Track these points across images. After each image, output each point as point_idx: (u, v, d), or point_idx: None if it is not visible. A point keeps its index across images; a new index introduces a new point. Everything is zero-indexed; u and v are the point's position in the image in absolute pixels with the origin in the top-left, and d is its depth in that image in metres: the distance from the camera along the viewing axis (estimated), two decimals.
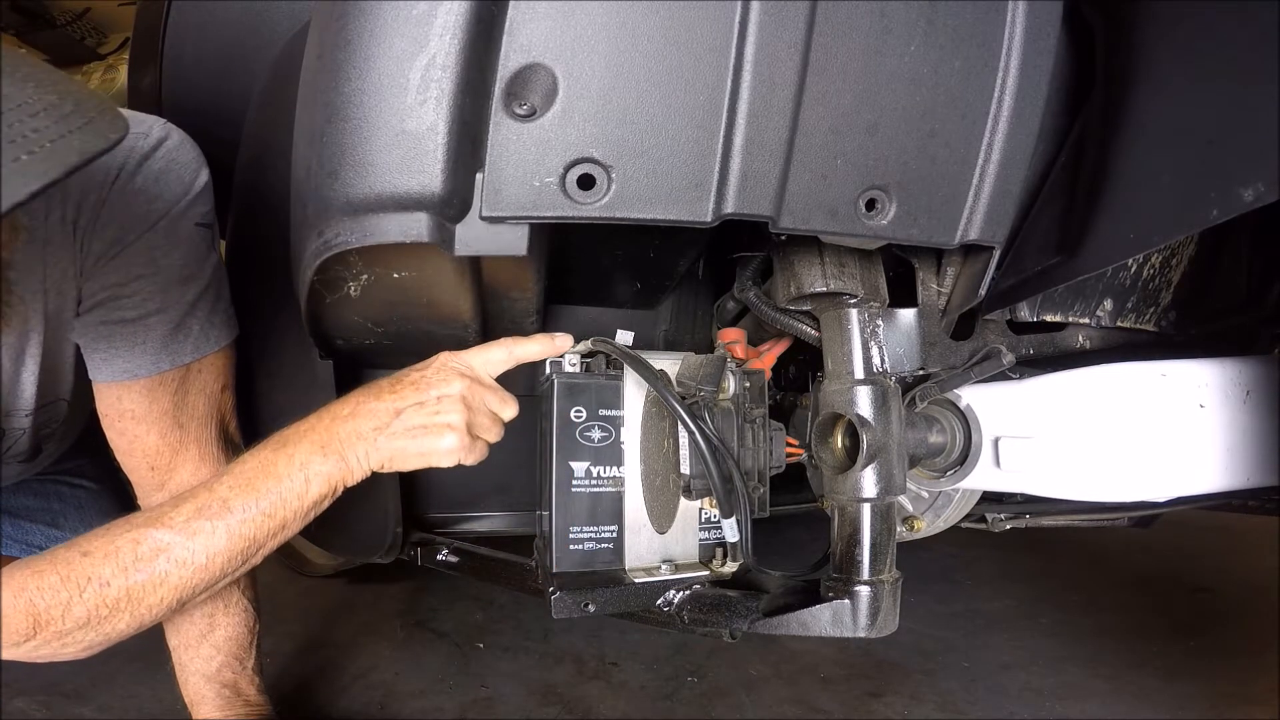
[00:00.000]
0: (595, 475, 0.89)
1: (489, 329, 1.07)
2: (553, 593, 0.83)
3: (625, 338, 0.99)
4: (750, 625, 0.84)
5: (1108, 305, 0.89)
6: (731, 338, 1.05)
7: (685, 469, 0.82)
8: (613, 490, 0.90)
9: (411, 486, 1.21)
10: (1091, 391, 0.77)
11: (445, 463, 0.78)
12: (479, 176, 0.61)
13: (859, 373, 0.82)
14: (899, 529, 0.98)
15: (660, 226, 0.64)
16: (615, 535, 0.90)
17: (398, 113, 0.58)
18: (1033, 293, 0.80)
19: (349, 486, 0.79)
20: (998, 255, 0.76)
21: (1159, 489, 0.75)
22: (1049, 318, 0.88)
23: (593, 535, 0.89)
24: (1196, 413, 0.76)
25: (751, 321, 1.13)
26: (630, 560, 0.89)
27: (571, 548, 0.87)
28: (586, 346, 0.94)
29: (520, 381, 1.29)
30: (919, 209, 0.68)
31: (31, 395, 0.91)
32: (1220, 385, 0.77)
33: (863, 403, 0.80)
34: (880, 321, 0.84)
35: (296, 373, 1.07)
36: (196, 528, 0.74)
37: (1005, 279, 0.80)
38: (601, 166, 0.61)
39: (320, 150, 0.62)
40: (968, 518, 1.07)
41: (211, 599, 0.97)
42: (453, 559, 1.21)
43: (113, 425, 0.93)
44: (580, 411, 0.89)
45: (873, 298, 0.82)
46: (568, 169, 0.60)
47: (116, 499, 1.28)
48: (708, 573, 0.89)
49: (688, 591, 0.90)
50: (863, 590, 0.79)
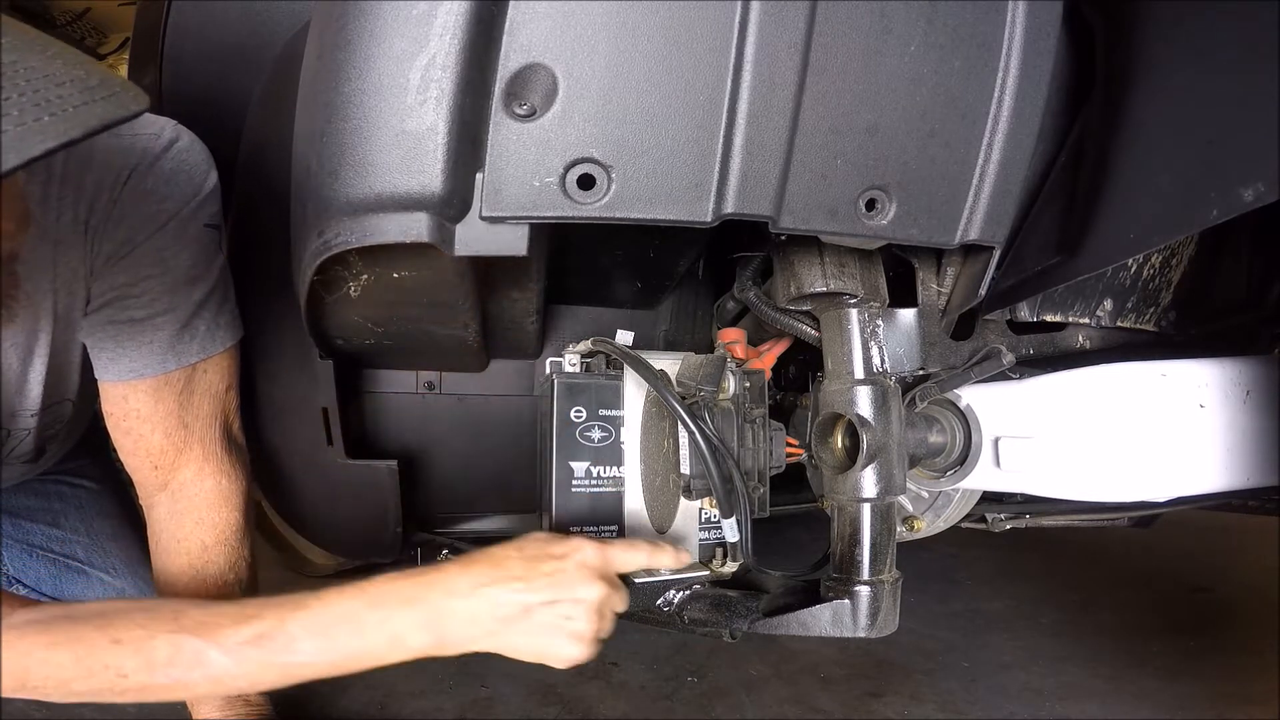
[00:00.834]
0: (595, 475, 0.89)
1: (489, 329, 1.07)
2: None
3: (625, 338, 0.99)
4: (750, 625, 0.84)
5: (1108, 305, 0.89)
6: (731, 338, 1.05)
7: (685, 469, 0.82)
8: (613, 490, 0.90)
9: (412, 486, 1.22)
10: (1091, 391, 0.77)
11: (556, 666, 0.70)
12: (479, 176, 0.61)
13: (859, 373, 0.82)
14: (899, 529, 0.98)
15: (660, 226, 0.64)
16: (615, 535, 0.90)
17: (398, 113, 0.58)
18: (1033, 293, 0.80)
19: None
20: (998, 255, 0.76)
21: (1159, 489, 0.75)
22: (1049, 318, 0.88)
23: (593, 535, 0.89)
24: (1196, 413, 0.76)
25: (751, 321, 1.13)
26: None
27: None
28: (586, 346, 0.94)
29: (520, 381, 1.29)
30: (919, 209, 0.68)
31: (38, 395, 0.91)
32: (1220, 385, 0.77)
33: (863, 403, 0.80)
34: (880, 321, 0.84)
35: (297, 373, 1.08)
36: (250, 658, 0.67)
37: (1005, 279, 0.80)
38: (601, 166, 0.61)
39: (320, 150, 0.62)
40: (968, 518, 1.07)
41: (213, 599, 0.97)
42: (453, 559, 1.21)
43: (117, 425, 0.93)
44: (580, 411, 0.89)
45: (873, 298, 0.82)
46: (568, 169, 0.60)
47: (117, 499, 1.28)
48: (708, 573, 0.89)
49: (688, 591, 0.90)
50: (863, 590, 0.79)
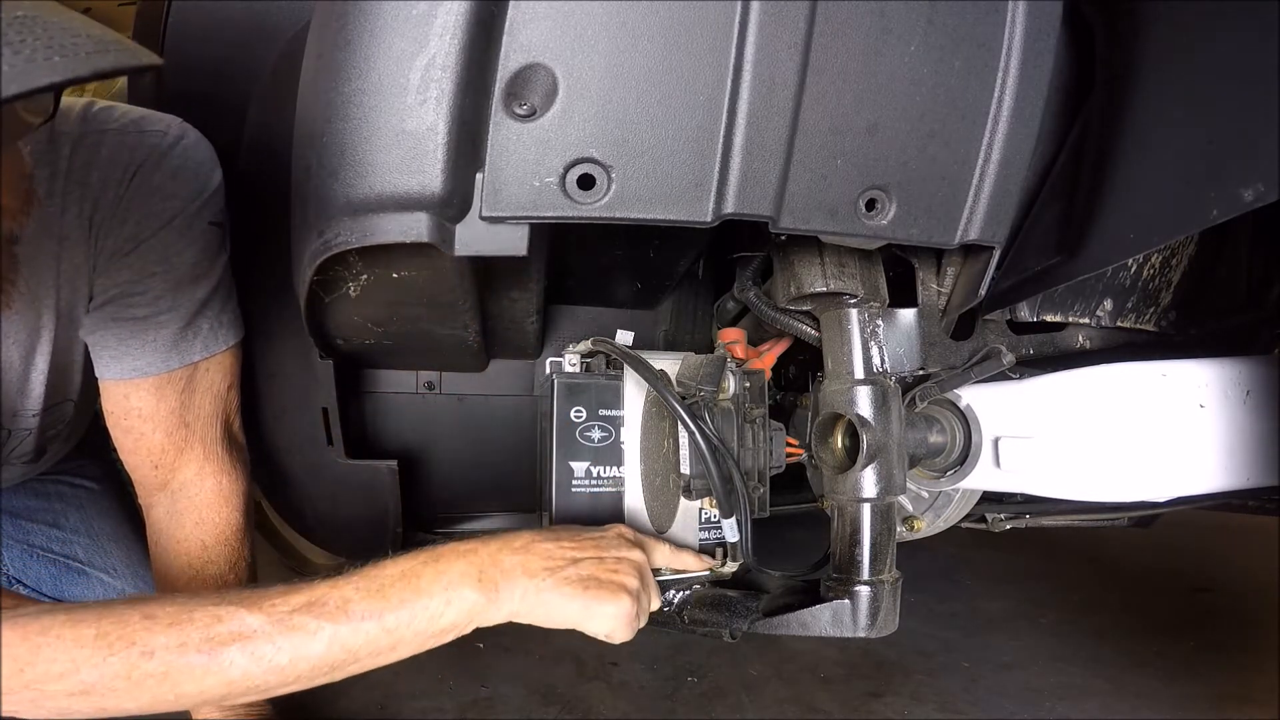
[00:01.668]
0: (595, 475, 0.89)
1: (489, 329, 1.07)
2: None
3: (625, 338, 0.99)
4: (750, 625, 0.84)
5: (1108, 305, 0.89)
6: (731, 338, 1.05)
7: (685, 469, 0.82)
8: (613, 490, 0.90)
9: (412, 486, 1.22)
10: (1091, 391, 0.77)
11: (600, 629, 0.70)
12: (479, 176, 0.61)
13: (859, 373, 0.82)
14: (899, 529, 0.98)
15: (660, 226, 0.64)
16: None
17: (398, 113, 0.58)
18: (1033, 293, 0.80)
19: (478, 627, 0.69)
20: (998, 255, 0.75)
21: (1159, 489, 0.75)
22: (1049, 318, 0.88)
23: None
24: (1196, 413, 0.76)
25: (751, 321, 1.13)
26: None
27: None
28: (587, 346, 0.94)
29: (520, 381, 1.29)
30: (919, 209, 0.68)
31: (40, 395, 0.91)
32: (1220, 385, 0.77)
33: (863, 403, 0.80)
34: (880, 321, 0.84)
35: (297, 372, 1.08)
36: (298, 624, 0.63)
37: (1005, 279, 0.80)
38: (601, 166, 0.61)
39: (320, 150, 0.62)
40: (968, 518, 1.07)
41: None
42: None
43: (118, 423, 0.93)
44: (580, 411, 0.89)
45: (873, 298, 0.82)
46: (568, 169, 0.60)
47: (118, 499, 1.28)
48: (708, 573, 0.89)
49: (688, 591, 0.90)
50: (863, 590, 0.79)
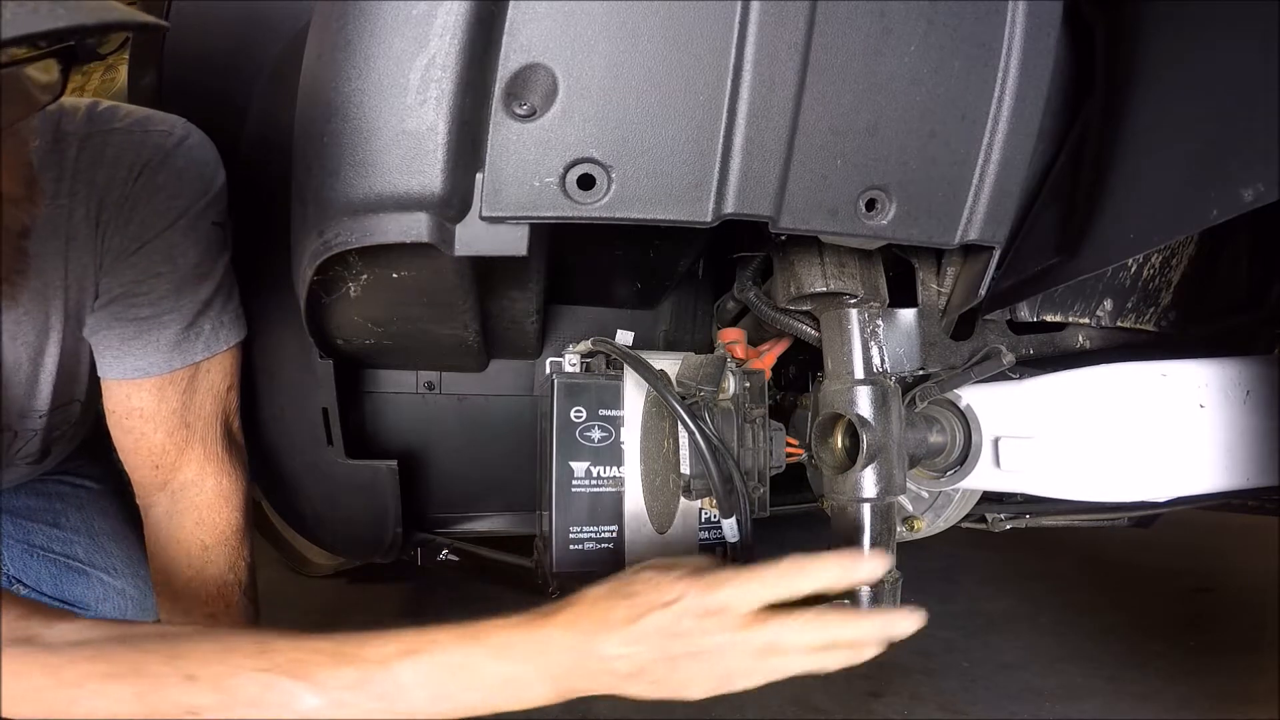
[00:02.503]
0: (595, 475, 0.89)
1: (489, 329, 1.07)
2: (552, 593, 0.84)
3: (625, 338, 0.99)
4: None
5: (1108, 305, 0.89)
6: (731, 338, 1.05)
7: (685, 469, 0.82)
8: (613, 490, 0.90)
9: (412, 486, 1.22)
10: (1091, 391, 0.77)
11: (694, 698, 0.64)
12: (479, 176, 0.61)
13: (859, 373, 0.82)
14: (899, 529, 0.98)
15: (660, 226, 0.64)
16: (615, 535, 0.90)
17: (398, 113, 0.58)
18: (1033, 293, 0.80)
19: None
20: (998, 255, 0.75)
21: (1159, 489, 0.75)
22: (1049, 318, 0.88)
23: (593, 535, 0.89)
24: (1196, 413, 0.76)
25: (751, 321, 1.13)
26: (630, 560, 0.89)
27: (571, 548, 0.87)
28: (586, 346, 0.94)
29: (520, 381, 1.29)
30: (919, 209, 0.68)
31: (48, 396, 0.91)
32: (1220, 385, 0.77)
33: (863, 403, 0.80)
34: (880, 321, 0.84)
35: (297, 372, 1.08)
36: (350, 702, 0.59)
37: (1005, 279, 0.80)
38: (601, 166, 0.61)
39: (320, 150, 0.62)
40: (968, 518, 1.07)
41: (213, 599, 0.97)
42: (453, 559, 1.21)
43: (119, 423, 0.93)
44: (580, 411, 0.89)
45: (873, 298, 0.82)
46: (568, 169, 0.60)
47: (118, 499, 1.27)
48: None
49: None
50: (863, 590, 0.79)
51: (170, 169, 0.86)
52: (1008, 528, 1.14)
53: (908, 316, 0.85)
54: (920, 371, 0.86)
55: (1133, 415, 0.75)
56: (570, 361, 0.93)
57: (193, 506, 0.96)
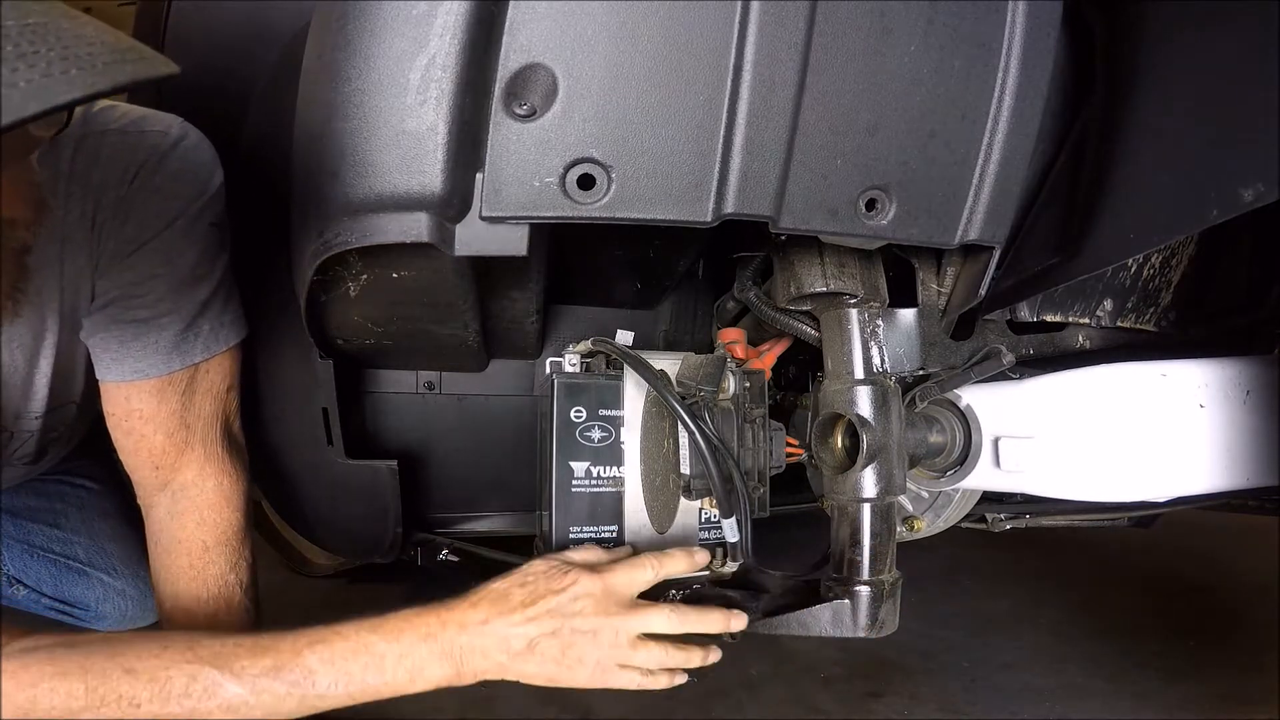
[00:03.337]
0: (595, 475, 0.89)
1: (489, 329, 1.07)
2: None
3: (625, 338, 0.99)
4: (750, 625, 0.84)
5: (1108, 305, 0.89)
6: (731, 338, 1.05)
7: (685, 469, 0.82)
8: (613, 490, 0.90)
9: (412, 486, 1.22)
10: (1091, 391, 0.77)
11: (578, 686, 0.75)
12: (479, 176, 0.61)
13: (859, 373, 0.82)
14: (899, 529, 0.98)
15: (660, 226, 0.64)
16: (615, 535, 0.90)
17: (398, 113, 0.58)
18: (1033, 293, 0.80)
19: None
20: (998, 255, 0.76)
21: (1159, 489, 0.75)
22: (1049, 318, 0.88)
23: (593, 535, 0.89)
24: (1196, 413, 0.76)
25: (751, 321, 1.13)
26: None
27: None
28: (586, 346, 0.94)
29: (520, 381, 1.29)
30: (919, 209, 0.68)
31: (44, 398, 0.91)
32: (1220, 385, 0.77)
33: (863, 403, 0.80)
34: (880, 321, 0.84)
35: (297, 373, 1.08)
36: (266, 688, 0.68)
37: (1005, 279, 0.80)
38: (601, 166, 0.61)
39: (320, 150, 0.62)
40: (968, 518, 1.07)
41: (214, 599, 0.97)
42: (453, 559, 1.21)
43: (119, 425, 0.93)
44: (580, 411, 0.89)
45: (873, 298, 0.82)
46: (568, 169, 0.60)
47: (118, 499, 1.27)
48: (708, 573, 0.89)
49: (688, 591, 0.90)
50: (863, 590, 0.79)
51: (167, 170, 0.85)
52: (1008, 528, 1.14)
53: (908, 316, 0.85)
54: (920, 371, 0.86)
55: (1133, 415, 0.75)
56: (570, 361, 0.93)
57: (194, 507, 0.96)
